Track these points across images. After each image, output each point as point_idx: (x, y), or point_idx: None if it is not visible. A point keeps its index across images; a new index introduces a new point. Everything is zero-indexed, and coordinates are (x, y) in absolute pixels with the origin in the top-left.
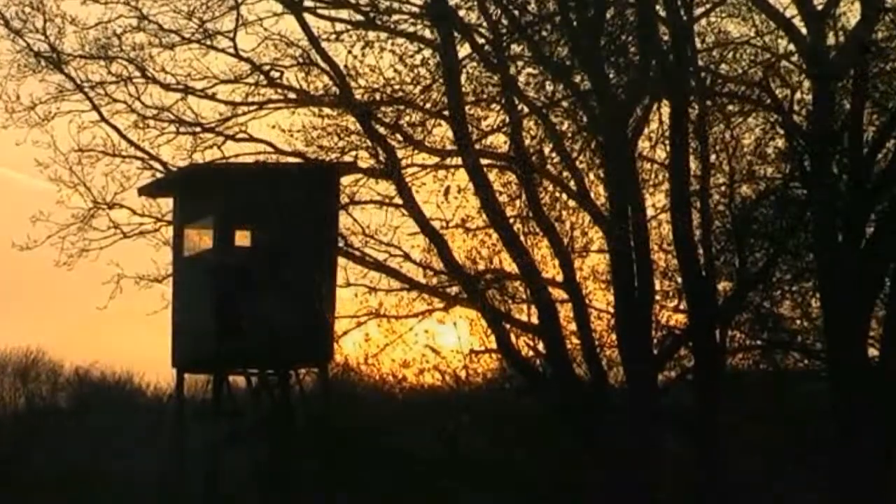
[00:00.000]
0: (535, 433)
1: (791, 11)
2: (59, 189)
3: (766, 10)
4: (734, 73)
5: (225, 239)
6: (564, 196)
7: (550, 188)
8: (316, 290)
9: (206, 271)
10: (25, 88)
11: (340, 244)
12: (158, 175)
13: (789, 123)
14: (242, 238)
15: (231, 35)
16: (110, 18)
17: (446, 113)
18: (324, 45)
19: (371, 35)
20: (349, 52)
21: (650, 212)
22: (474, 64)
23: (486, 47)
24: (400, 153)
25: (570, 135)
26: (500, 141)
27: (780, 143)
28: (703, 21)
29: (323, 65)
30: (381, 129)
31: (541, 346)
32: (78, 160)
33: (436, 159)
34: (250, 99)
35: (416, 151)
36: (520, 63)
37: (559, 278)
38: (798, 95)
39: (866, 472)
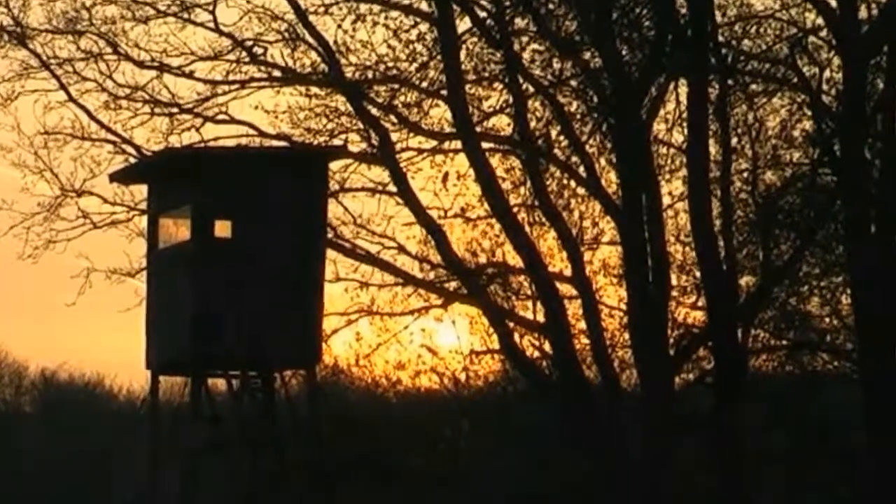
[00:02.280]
0: (539, 440)
1: None
2: (23, 175)
3: None
4: (758, 50)
5: (203, 230)
6: (573, 183)
7: (558, 174)
8: (302, 286)
9: (182, 265)
10: None
11: (329, 235)
12: (131, 160)
13: (818, 104)
14: (223, 229)
15: (210, 8)
16: None
17: (444, 93)
18: (311, 18)
19: (363, 7)
20: (339, 26)
21: (666, 200)
22: (475, 39)
23: (488, 21)
24: (394, 136)
25: (579, 116)
26: (503, 123)
27: (808, 125)
28: None
29: (310, 40)
30: (374, 110)
31: (547, 347)
32: (44, 144)
33: (433, 143)
34: (231, 77)
35: (411, 134)
36: (524, 38)
37: (567, 272)
38: (827, 73)
39: None
